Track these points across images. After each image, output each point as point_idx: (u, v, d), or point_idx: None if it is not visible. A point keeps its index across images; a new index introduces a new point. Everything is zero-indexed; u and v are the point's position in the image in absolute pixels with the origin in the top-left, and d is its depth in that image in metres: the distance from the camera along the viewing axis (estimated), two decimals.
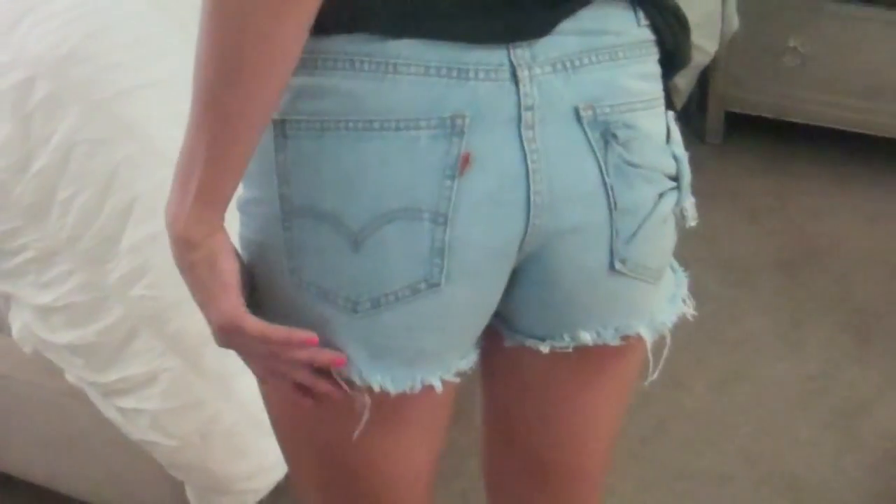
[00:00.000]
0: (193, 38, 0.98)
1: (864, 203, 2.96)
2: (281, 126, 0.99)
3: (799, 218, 2.93)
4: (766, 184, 3.07)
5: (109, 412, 1.73)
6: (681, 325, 1.17)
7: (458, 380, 1.10)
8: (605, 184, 1.03)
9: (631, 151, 1.03)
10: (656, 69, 1.08)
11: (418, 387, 1.06)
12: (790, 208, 2.97)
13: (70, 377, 1.76)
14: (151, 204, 1.70)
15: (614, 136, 1.02)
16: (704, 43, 2.90)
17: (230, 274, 1.01)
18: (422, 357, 1.05)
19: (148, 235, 1.68)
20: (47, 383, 1.86)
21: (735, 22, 3.04)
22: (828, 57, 2.99)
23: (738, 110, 3.18)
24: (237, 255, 1.03)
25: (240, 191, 1.03)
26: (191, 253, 1.00)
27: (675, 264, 1.19)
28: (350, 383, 1.05)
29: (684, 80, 2.99)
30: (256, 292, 1.06)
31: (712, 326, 2.54)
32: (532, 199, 1.00)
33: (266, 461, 1.73)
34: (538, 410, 1.24)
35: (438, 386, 1.07)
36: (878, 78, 2.96)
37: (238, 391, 1.69)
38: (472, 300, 1.04)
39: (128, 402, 1.70)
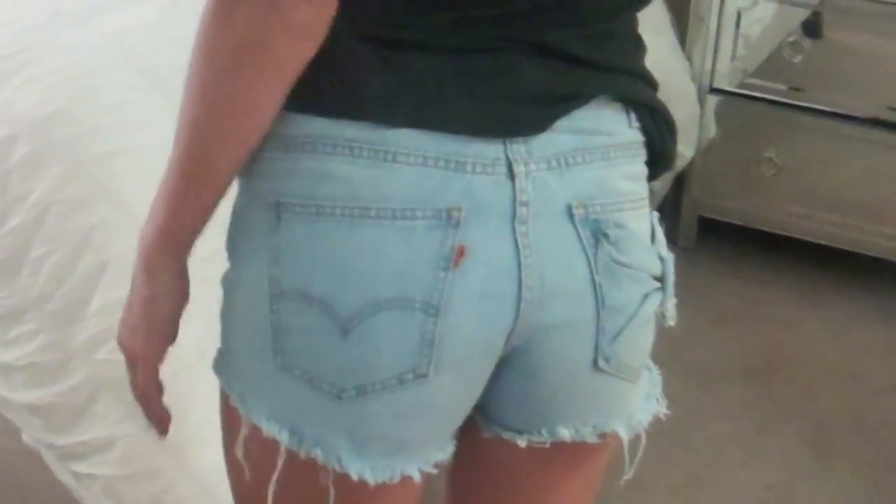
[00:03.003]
0: (177, 106, 1.02)
1: (831, 317, 2.98)
2: (275, 207, 0.99)
3: (766, 327, 2.94)
4: (735, 290, 3.08)
5: (63, 476, 1.71)
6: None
7: (435, 471, 1.09)
8: (593, 282, 1.03)
9: (620, 251, 1.04)
10: (644, 170, 1.10)
11: (397, 478, 1.05)
12: (758, 316, 2.98)
13: (27, 437, 1.74)
14: (123, 268, 1.68)
15: (605, 234, 1.03)
16: (681, 147, 2.94)
17: (161, 323, 1.08)
18: (403, 447, 1.04)
19: (118, 299, 1.66)
20: (2, 443, 1.84)
21: (712, 129, 3.08)
22: (803, 170, 3.03)
23: (711, 216, 3.20)
24: (178, 308, 1.07)
25: (227, 269, 1.05)
26: (141, 275, 1.07)
27: (651, 363, 1.19)
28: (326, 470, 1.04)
29: (659, 183, 3.01)
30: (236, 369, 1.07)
31: (675, 430, 2.52)
32: (523, 293, 1.01)
33: None
34: (504, 502, 1.23)
35: (417, 477, 1.06)
36: (852, 194, 3.00)
37: (195, 463, 1.67)
38: (457, 392, 1.04)
39: (83, 467, 1.69)
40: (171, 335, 1.09)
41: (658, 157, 1.11)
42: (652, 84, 1.11)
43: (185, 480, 1.67)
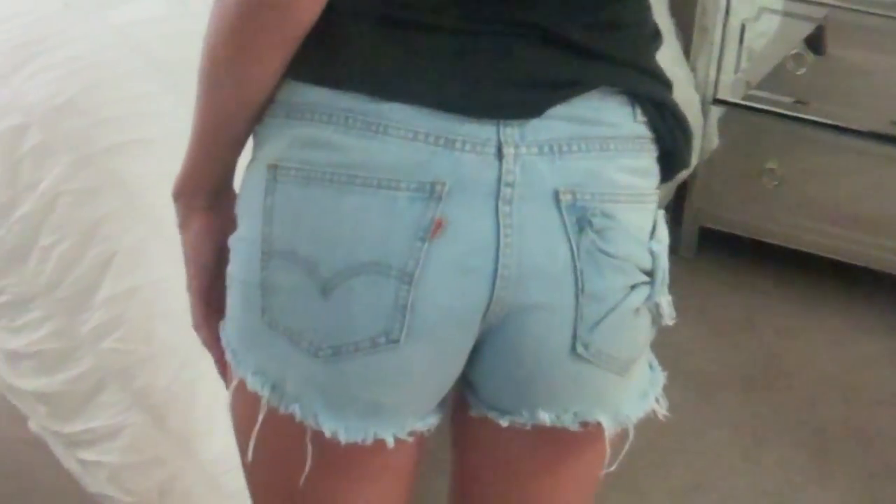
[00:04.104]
0: (186, 99, 1.10)
1: (830, 327, 2.99)
2: (273, 171, 1.04)
3: (766, 336, 2.95)
4: (736, 300, 3.09)
5: (69, 463, 1.72)
6: (643, 433, 1.17)
7: (411, 439, 1.11)
8: (574, 267, 1.05)
9: (605, 240, 1.05)
10: (651, 166, 1.10)
11: (370, 440, 1.08)
12: (758, 326, 2.99)
13: (33, 425, 1.75)
14: (131, 258, 1.71)
15: (590, 222, 1.04)
16: None
17: (189, 250, 1.15)
18: (377, 411, 1.07)
19: (125, 289, 1.69)
20: (8, 431, 1.85)
21: (715, 139, 3.09)
22: (804, 182, 3.04)
23: (712, 226, 3.20)
24: (208, 247, 1.14)
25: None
26: (175, 207, 1.15)
27: (655, 363, 1.19)
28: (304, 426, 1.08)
29: (661, 193, 3.02)
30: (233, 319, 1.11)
31: (674, 436, 2.54)
32: (499, 271, 1.03)
33: None
34: (497, 487, 1.24)
35: (390, 442, 1.09)
36: (852, 206, 3.01)
37: (200, 452, 1.68)
38: (431, 362, 1.06)
39: (89, 455, 1.69)
40: (197, 263, 1.15)
41: (669, 155, 1.12)
42: (663, 81, 1.12)
43: (190, 469, 1.67)
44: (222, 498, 1.69)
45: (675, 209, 3.23)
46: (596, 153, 1.05)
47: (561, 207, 1.03)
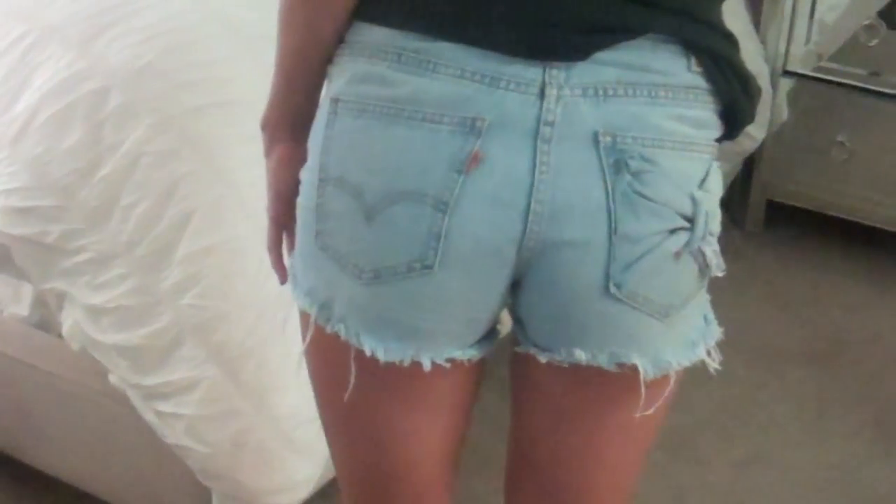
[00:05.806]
0: (263, 63, 1.17)
1: None
2: (334, 105, 1.11)
3: (832, 311, 2.94)
4: (803, 275, 3.08)
5: (147, 415, 1.77)
6: (706, 404, 1.16)
7: (448, 366, 1.16)
8: (608, 207, 1.07)
9: (642, 183, 1.07)
10: (707, 117, 1.11)
11: (407, 361, 1.14)
12: (824, 301, 2.98)
13: (113, 378, 1.80)
14: (208, 218, 1.75)
15: (627, 164, 1.07)
16: (752, 129, 2.94)
17: (270, 177, 1.22)
18: (414, 334, 1.13)
19: (203, 248, 1.73)
20: (90, 383, 1.90)
21: (784, 112, 3.08)
22: (874, 155, 3.02)
23: (780, 200, 3.19)
24: (286, 175, 1.20)
25: None
26: (262, 136, 1.23)
27: (711, 316, 1.20)
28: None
29: (728, 165, 3.02)
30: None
31: (738, 408, 2.55)
32: (532, 206, 1.07)
33: (293, 479, 1.75)
34: (543, 428, 1.26)
35: (427, 365, 1.15)
36: None
37: (273, 406, 1.72)
38: (464, 290, 1.11)
39: (166, 407, 1.74)
40: (275, 189, 1.22)
41: (730, 109, 1.13)
42: (723, 33, 1.12)
43: (263, 423, 1.72)
44: (293, 451, 1.73)
45: (743, 182, 3.22)
46: (643, 99, 1.07)
47: (599, 149, 1.06)
